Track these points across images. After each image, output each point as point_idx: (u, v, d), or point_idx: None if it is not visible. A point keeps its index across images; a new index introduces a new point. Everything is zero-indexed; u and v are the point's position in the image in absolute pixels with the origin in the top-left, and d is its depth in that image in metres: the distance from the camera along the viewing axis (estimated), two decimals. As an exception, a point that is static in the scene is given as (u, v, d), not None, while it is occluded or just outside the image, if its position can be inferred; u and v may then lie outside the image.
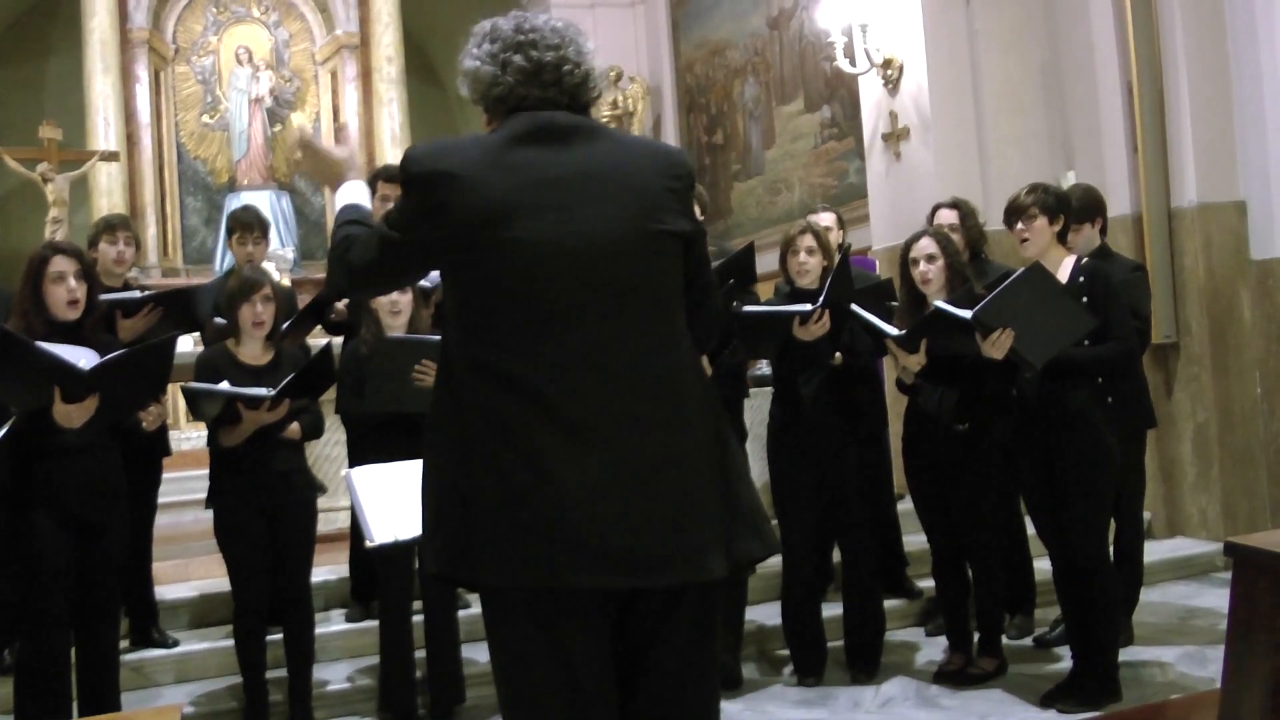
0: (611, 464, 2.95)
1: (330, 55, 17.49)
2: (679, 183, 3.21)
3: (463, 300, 3.09)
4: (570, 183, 3.05)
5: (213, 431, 6.08)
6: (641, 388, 3.02)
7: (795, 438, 6.36)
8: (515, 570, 2.92)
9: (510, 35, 3.19)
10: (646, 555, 2.95)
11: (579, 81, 3.21)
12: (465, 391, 3.04)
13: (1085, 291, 5.71)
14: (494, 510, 2.94)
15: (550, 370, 2.98)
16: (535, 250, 2.98)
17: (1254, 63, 8.50)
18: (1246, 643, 3.65)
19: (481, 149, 3.10)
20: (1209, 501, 8.62)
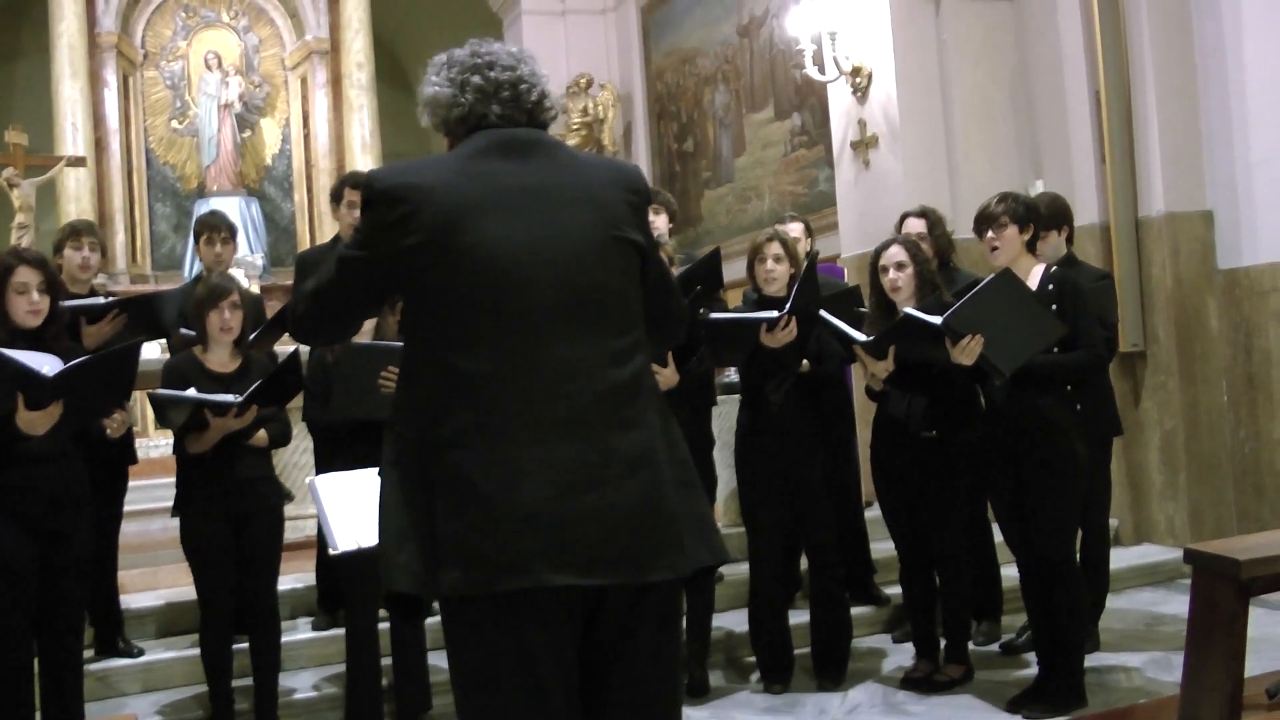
0: (577, 464, 2.98)
1: (300, 61, 17.45)
2: (636, 197, 3.28)
3: (426, 308, 3.10)
4: (533, 191, 3.11)
5: (179, 439, 6.05)
6: (606, 388, 3.07)
7: (763, 445, 6.37)
8: (486, 575, 2.93)
9: (467, 59, 3.27)
10: (615, 553, 2.99)
11: (536, 100, 3.27)
12: (428, 398, 3.06)
13: (1054, 299, 5.73)
14: (461, 516, 2.95)
15: (517, 371, 3.01)
16: (502, 254, 3.03)
17: (1221, 74, 8.55)
18: (1206, 649, 3.67)
19: (446, 162, 3.19)
20: (1176, 509, 8.65)
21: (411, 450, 3.08)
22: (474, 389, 3.01)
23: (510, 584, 2.93)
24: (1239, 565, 3.60)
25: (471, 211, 3.04)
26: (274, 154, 17.47)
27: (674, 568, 3.09)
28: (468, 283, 3.03)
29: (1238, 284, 8.55)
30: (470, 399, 3.01)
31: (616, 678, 3.14)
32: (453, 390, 3.04)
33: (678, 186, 14.74)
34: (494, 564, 2.93)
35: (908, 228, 6.97)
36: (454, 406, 3.02)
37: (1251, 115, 8.39)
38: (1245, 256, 8.51)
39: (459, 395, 3.03)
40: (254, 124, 17.34)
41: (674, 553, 3.09)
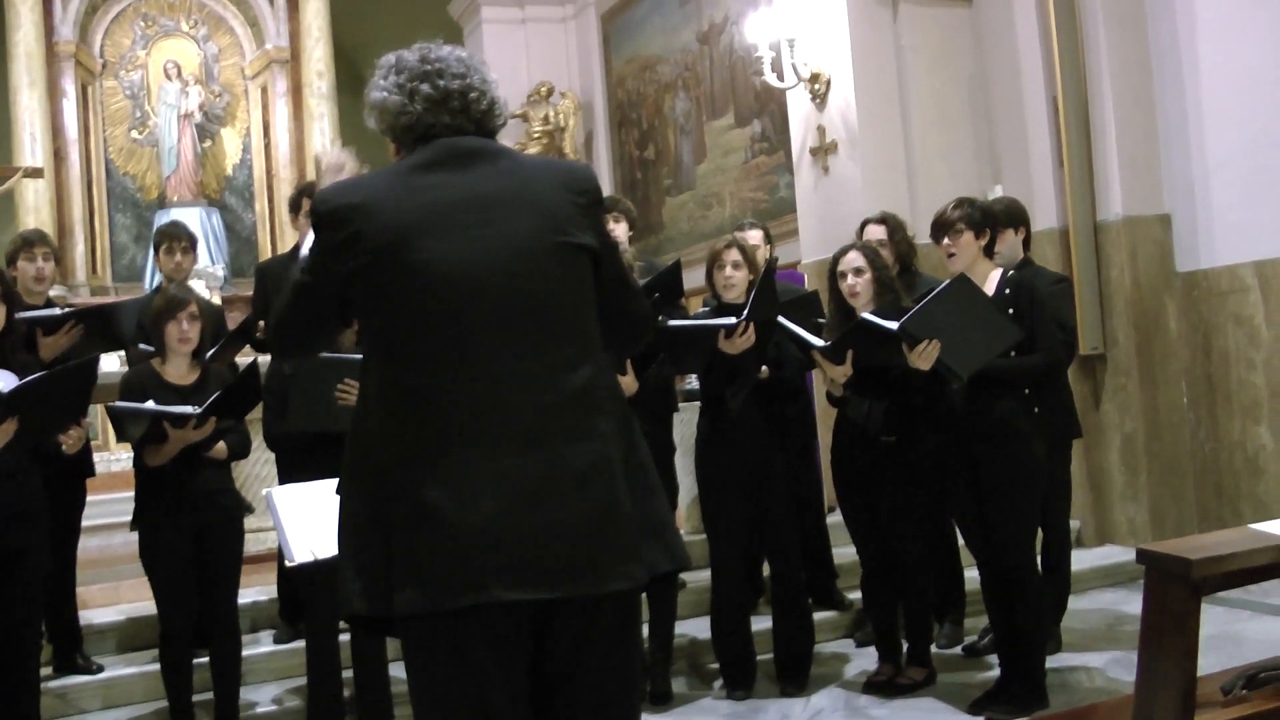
0: (526, 478, 2.99)
1: (260, 70, 17.39)
2: (585, 198, 3.26)
3: (378, 327, 3.13)
4: (477, 203, 3.11)
5: (138, 452, 6.03)
6: (555, 400, 3.07)
7: (723, 451, 6.38)
8: (439, 593, 2.94)
9: (416, 65, 3.25)
10: (566, 565, 3.00)
11: (485, 108, 3.28)
12: (380, 417, 3.10)
13: (1011, 303, 5.75)
14: (413, 535, 2.97)
15: (466, 386, 3.02)
16: (446, 270, 3.03)
17: (1177, 78, 8.59)
18: (1159, 648, 3.68)
19: (388, 178, 3.20)
20: (1137, 510, 8.69)
21: (365, 469, 3.10)
22: (422, 406, 3.03)
23: (463, 601, 2.94)
24: (1190, 565, 3.62)
25: (413, 230, 3.05)
26: (235, 164, 17.40)
27: (629, 577, 3.10)
28: (412, 301, 3.04)
29: (1196, 286, 8.59)
30: (419, 416, 3.03)
31: (573, 691, 3.16)
32: (402, 408, 3.05)
33: (639, 194, 14.75)
34: (447, 582, 2.94)
35: (869, 234, 6.99)
36: (404, 424, 3.04)
37: (1208, 119, 8.44)
38: (1203, 259, 8.55)
39: (408, 413, 3.04)
40: (214, 134, 17.27)
41: (629, 562, 3.10)
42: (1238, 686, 4.05)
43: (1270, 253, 8.01)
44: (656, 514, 3.23)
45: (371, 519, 3.06)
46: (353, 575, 3.09)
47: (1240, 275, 8.24)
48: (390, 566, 3.00)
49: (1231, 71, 8.24)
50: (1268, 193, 8.00)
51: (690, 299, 9.10)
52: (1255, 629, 6.95)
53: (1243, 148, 8.19)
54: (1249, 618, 7.20)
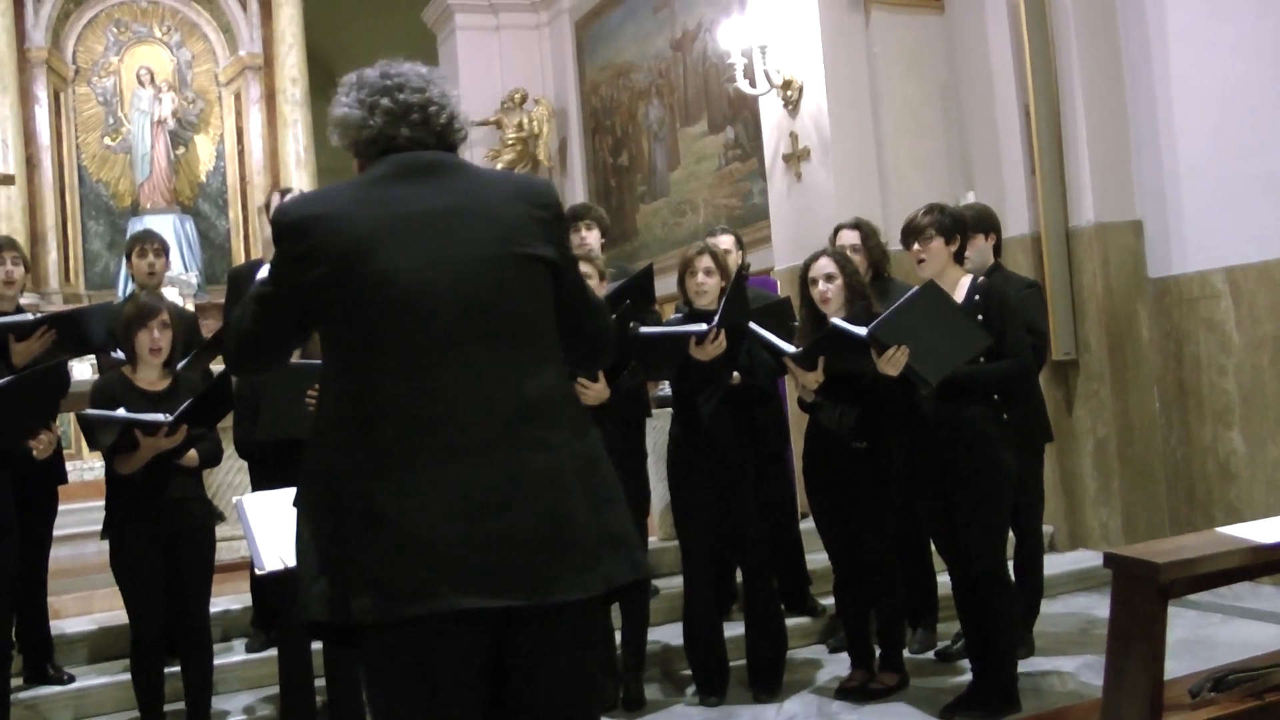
0: (482, 487, 3.02)
1: (234, 76, 17.32)
2: (545, 211, 3.29)
3: (336, 336, 3.16)
4: (435, 215, 3.14)
5: (109, 460, 6.01)
6: (512, 410, 3.10)
7: (695, 457, 6.38)
8: (394, 601, 2.97)
9: (376, 81, 3.29)
10: (520, 575, 3.02)
11: (446, 122, 3.30)
12: (337, 426, 3.13)
13: (981, 309, 5.76)
14: (369, 543, 3.00)
15: (422, 396, 3.06)
16: (403, 280, 3.06)
17: (1148, 85, 8.63)
18: (1126, 652, 3.71)
19: (348, 190, 3.23)
20: (1110, 514, 8.72)
21: (323, 478, 3.12)
22: (378, 415, 3.06)
23: (417, 609, 2.97)
24: (1158, 568, 3.64)
25: (372, 241, 3.07)
26: (208, 170, 17.33)
27: (584, 588, 3.11)
28: (369, 311, 3.07)
29: (1168, 292, 8.62)
30: (376, 426, 3.06)
31: (533, 703, 3.18)
32: (358, 417, 3.08)
33: (613, 201, 14.75)
34: (401, 590, 2.97)
35: (842, 239, 6.99)
36: (360, 433, 3.07)
37: (1179, 126, 8.48)
38: (1175, 265, 8.59)
39: (364, 422, 3.07)
40: (188, 140, 17.20)
41: (584, 573, 3.11)
42: (1206, 689, 4.08)
43: (1241, 259, 8.05)
44: (616, 524, 3.23)
45: (328, 527, 3.07)
46: (310, 583, 3.10)
47: (1211, 281, 8.27)
48: (347, 574, 3.02)
49: (1202, 79, 8.28)
50: (1238, 200, 8.04)
51: (663, 305, 9.11)
52: (1226, 633, 6.99)
53: (1214, 155, 8.23)
54: (1220, 621, 7.23)
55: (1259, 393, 8.02)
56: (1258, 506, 7.82)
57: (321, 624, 3.13)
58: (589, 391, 6.03)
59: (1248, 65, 7.93)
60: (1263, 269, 7.90)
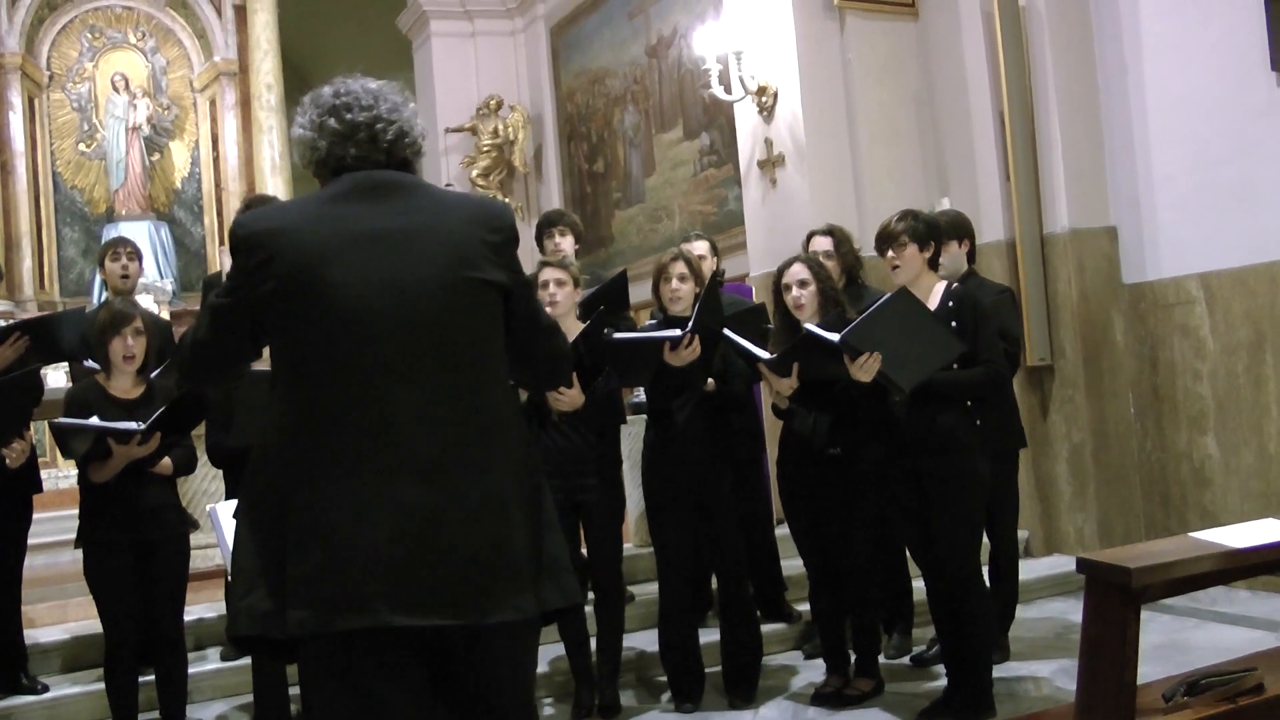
0: (421, 507, 3.06)
1: (209, 82, 17.34)
2: (498, 235, 3.33)
3: (285, 349, 3.20)
4: (385, 235, 3.17)
5: (83, 468, 5.98)
6: (455, 432, 3.15)
7: (669, 464, 6.36)
8: (329, 614, 3.00)
9: (327, 100, 3.34)
10: (455, 594, 3.08)
11: (393, 139, 3.32)
12: (283, 439, 3.15)
13: (954, 316, 5.76)
14: (307, 556, 3.03)
15: (367, 412, 3.09)
16: (353, 295, 3.10)
17: (1122, 92, 8.66)
18: (1099, 656, 3.72)
19: (303, 206, 3.31)
20: (1085, 519, 8.75)
21: (266, 489, 3.14)
22: (323, 430, 3.09)
23: (350, 623, 3.00)
24: (1130, 574, 3.65)
25: (323, 257, 3.11)
26: (183, 177, 17.35)
27: (518, 609, 3.16)
28: (318, 327, 3.10)
29: (1142, 298, 8.65)
30: (321, 440, 3.08)
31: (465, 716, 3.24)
32: (304, 431, 3.11)
33: (588, 207, 14.75)
34: (336, 603, 3.00)
35: (814, 246, 6.99)
36: (306, 446, 3.09)
37: (1153, 133, 8.51)
38: (1149, 271, 8.62)
39: (310, 437, 3.09)
40: (163, 146, 17.20)
41: (519, 595, 3.16)
42: (1179, 693, 4.09)
43: (1215, 265, 8.09)
44: (552, 549, 3.31)
45: (268, 539, 3.10)
46: (243, 595, 3.12)
47: (1186, 287, 8.30)
48: (283, 586, 3.04)
49: (1176, 87, 8.31)
50: (1213, 206, 8.08)
51: (638, 312, 9.11)
52: (1201, 637, 7.00)
53: (1188, 162, 8.26)
54: (1195, 626, 7.25)
55: (1233, 398, 8.05)
56: (1232, 511, 7.85)
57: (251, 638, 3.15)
58: (563, 398, 6.03)
59: (1221, 73, 7.97)
60: (1237, 275, 7.94)
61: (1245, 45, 7.76)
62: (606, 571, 6.37)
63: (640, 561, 7.88)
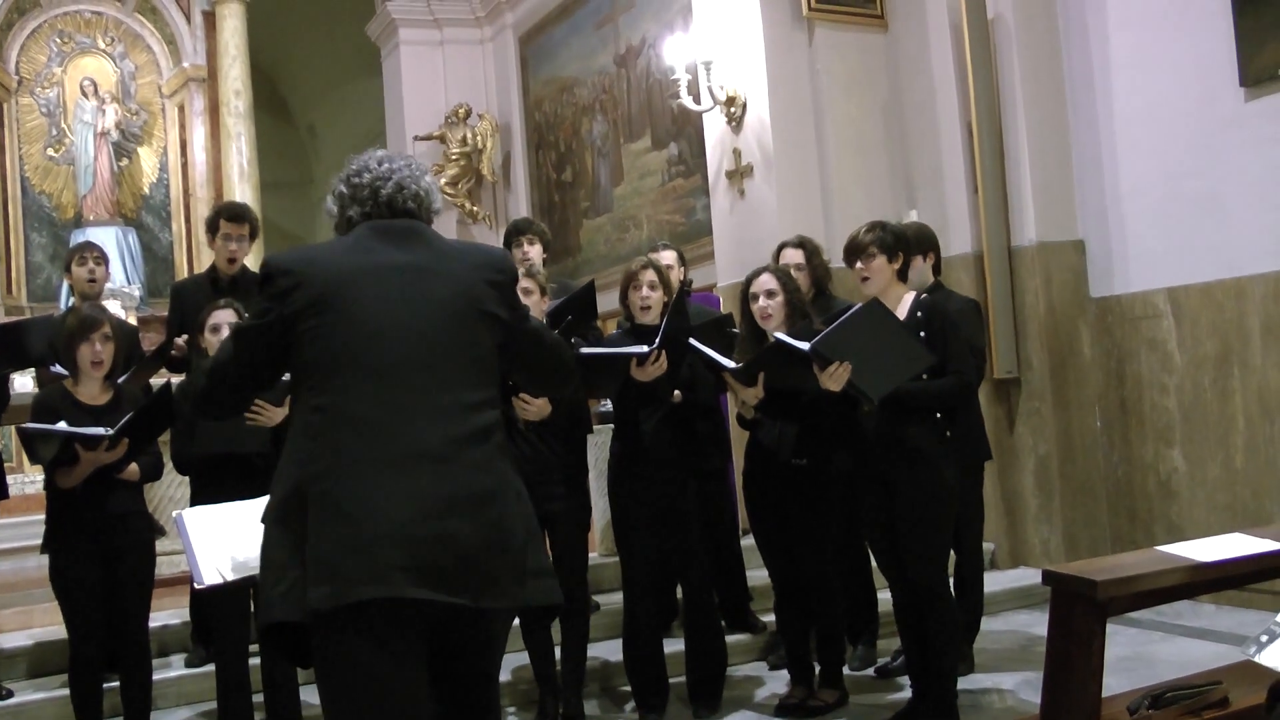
0: (434, 493, 3.34)
1: (177, 88, 17.29)
2: (501, 276, 3.74)
3: (310, 360, 3.48)
4: (405, 267, 3.56)
5: (50, 473, 5.95)
6: (462, 434, 3.46)
7: (636, 473, 6.35)
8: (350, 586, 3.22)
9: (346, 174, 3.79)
10: (465, 576, 3.35)
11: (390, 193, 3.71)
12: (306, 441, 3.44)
13: (924, 326, 5.76)
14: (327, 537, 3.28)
15: (384, 414, 3.40)
16: (376, 313, 3.47)
17: (1090, 106, 8.69)
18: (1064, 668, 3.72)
19: (329, 246, 3.69)
20: (1051, 532, 8.76)
21: (292, 485, 3.39)
22: (344, 428, 3.39)
23: (371, 593, 3.23)
24: (1096, 586, 3.65)
25: (350, 279, 3.49)
26: (152, 183, 17.30)
27: (515, 598, 3.49)
28: (342, 337, 3.44)
29: (1110, 312, 8.68)
30: (341, 437, 3.38)
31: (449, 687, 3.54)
32: (326, 430, 3.40)
33: (556, 216, 14.74)
34: (356, 577, 3.23)
35: (785, 258, 6.98)
36: (327, 444, 3.38)
37: (1120, 147, 8.54)
38: (1117, 285, 8.65)
39: (331, 434, 3.39)
40: (131, 152, 17.15)
41: (517, 585, 3.48)
42: (1143, 706, 4.09)
43: (1183, 279, 8.12)
44: (539, 558, 3.61)
45: (295, 531, 3.35)
46: (272, 586, 3.35)
47: (1153, 301, 8.33)
48: (306, 569, 3.27)
49: (1144, 101, 8.35)
50: (1180, 220, 8.11)
51: (606, 321, 9.11)
52: (1167, 650, 7.01)
53: (1155, 176, 8.29)
54: (1161, 639, 7.26)
55: (1200, 412, 8.08)
56: (1198, 525, 7.87)
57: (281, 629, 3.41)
58: (530, 407, 6.03)
59: (1189, 86, 7.99)
60: (1205, 289, 7.96)
61: (1213, 59, 7.78)
62: (572, 581, 6.35)
63: (606, 571, 7.87)
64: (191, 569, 4.61)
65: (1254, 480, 7.76)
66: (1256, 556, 4.31)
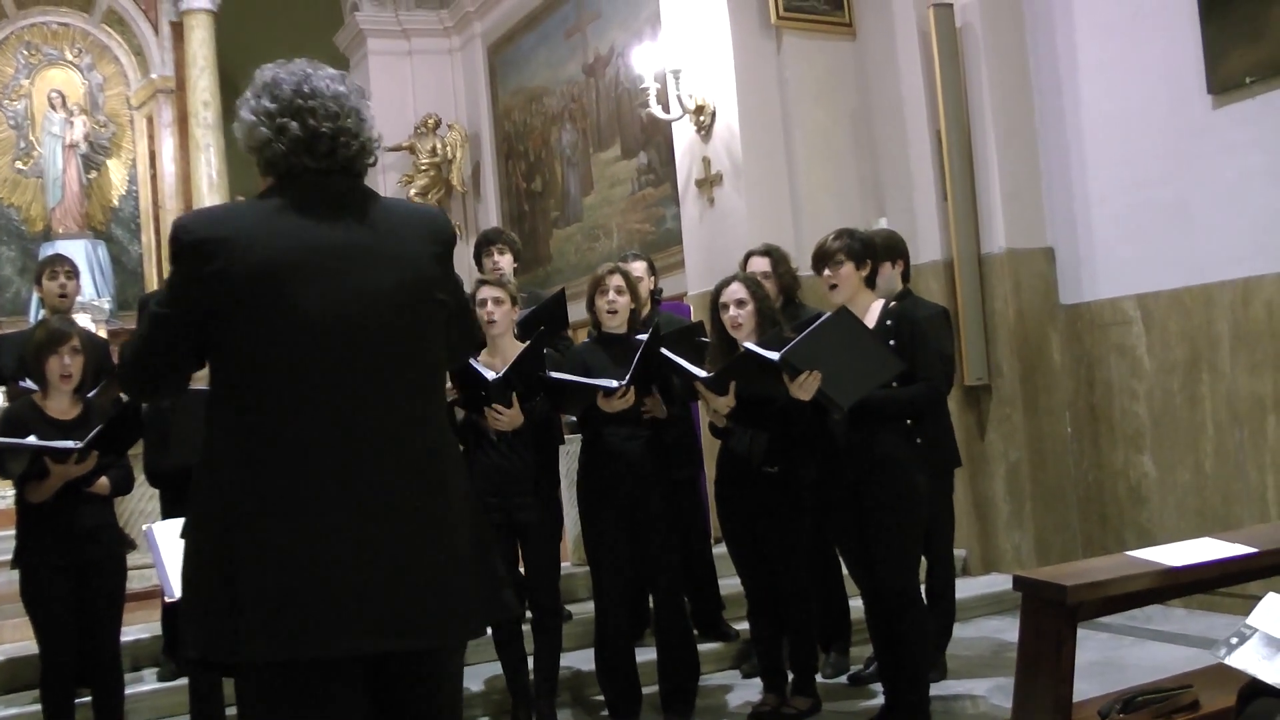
0: (388, 534, 3.04)
1: (146, 100, 17.23)
2: (440, 248, 3.32)
3: (236, 367, 3.07)
4: (345, 250, 3.11)
5: (20, 488, 5.93)
6: (403, 457, 3.12)
7: (606, 483, 6.35)
8: (280, 643, 2.94)
9: (289, 98, 3.19)
10: (419, 617, 3.07)
11: (354, 154, 3.23)
12: (232, 463, 3.04)
13: (893, 334, 5.76)
14: (262, 583, 2.95)
15: (324, 436, 3.03)
16: (313, 317, 3.03)
17: (1058, 113, 8.73)
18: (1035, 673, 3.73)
19: (255, 214, 3.16)
20: (1022, 538, 8.78)
21: (217, 514, 3.04)
22: (279, 454, 3.01)
23: (316, 651, 2.96)
24: (1066, 591, 3.66)
25: (276, 271, 3.02)
26: (121, 195, 17.23)
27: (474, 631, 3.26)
28: (276, 340, 3.02)
29: (1079, 318, 8.71)
30: (275, 465, 3.01)
31: None
32: (258, 454, 3.02)
33: (526, 226, 14.75)
34: (300, 631, 2.94)
35: (752, 266, 6.99)
36: (259, 472, 3.01)
37: (1089, 155, 8.58)
38: (1086, 292, 8.68)
39: (264, 460, 3.01)
40: (100, 164, 17.09)
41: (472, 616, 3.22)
42: (1114, 711, 4.10)
43: (1152, 286, 8.15)
44: (493, 568, 3.32)
45: (219, 563, 3.00)
46: (198, 619, 3.05)
47: (1122, 308, 8.36)
48: (238, 611, 2.95)
49: (1111, 108, 8.38)
50: (1148, 227, 8.14)
51: (576, 331, 9.10)
52: (1137, 655, 7.03)
53: (1123, 183, 8.33)
54: (1131, 644, 7.28)
55: (1169, 417, 8.11)
56: (1169, 529, 7.91)
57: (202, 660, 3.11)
58: (503, 418, 6.02)
59: (1157, 94, 8.03)
60: (1174, 296, 8.00)
61: (1181, 67, 7.82)
62: (544, 590, 6.35)
63: (578, 580, 7.87)
64: (162, 582, 4.61)
65: (1223, 485, 7.80)
66: (1226, 561, 4.33)
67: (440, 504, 3.15)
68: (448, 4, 16.15)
